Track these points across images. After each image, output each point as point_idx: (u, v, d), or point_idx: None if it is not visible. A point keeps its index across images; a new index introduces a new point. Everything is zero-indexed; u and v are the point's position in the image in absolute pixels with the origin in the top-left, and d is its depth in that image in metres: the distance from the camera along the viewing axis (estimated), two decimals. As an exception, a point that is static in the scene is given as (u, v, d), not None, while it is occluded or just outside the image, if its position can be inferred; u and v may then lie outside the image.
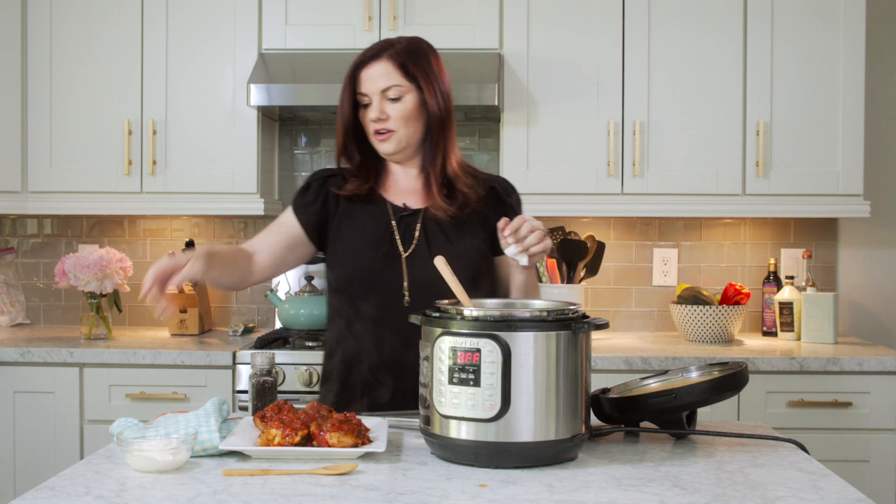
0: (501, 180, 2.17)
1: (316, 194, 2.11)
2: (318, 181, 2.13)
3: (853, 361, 2.94)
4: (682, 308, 3.28)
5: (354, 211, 2.08)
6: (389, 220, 2.06)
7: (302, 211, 2.11)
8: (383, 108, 2.01)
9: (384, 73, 2.01)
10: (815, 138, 3.25)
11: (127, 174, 3.32)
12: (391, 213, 2.07)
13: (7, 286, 3.64)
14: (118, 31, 3.34)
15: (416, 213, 2.07)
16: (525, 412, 1.52)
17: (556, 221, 3.56)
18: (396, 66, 2.01)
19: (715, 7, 3.26)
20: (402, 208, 2.08)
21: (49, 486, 1.44)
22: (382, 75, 2.01)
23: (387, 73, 2.01)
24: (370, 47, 2.05)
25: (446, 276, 1.72)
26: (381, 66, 2.01)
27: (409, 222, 2.06)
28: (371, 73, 2.02)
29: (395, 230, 2.05)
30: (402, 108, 2.02)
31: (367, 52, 2.04)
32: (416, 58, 2.04)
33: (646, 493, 1.41)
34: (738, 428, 1.87)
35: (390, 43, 2.05)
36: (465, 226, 2.07)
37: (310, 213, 2.10)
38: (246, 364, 2.99)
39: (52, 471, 2.91)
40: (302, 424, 1.60)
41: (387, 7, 3.26)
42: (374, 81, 2.01)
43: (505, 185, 2.16)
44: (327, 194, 2.10)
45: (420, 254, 2.03)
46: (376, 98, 2.01)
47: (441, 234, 2.04)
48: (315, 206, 2.10)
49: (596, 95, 3.27)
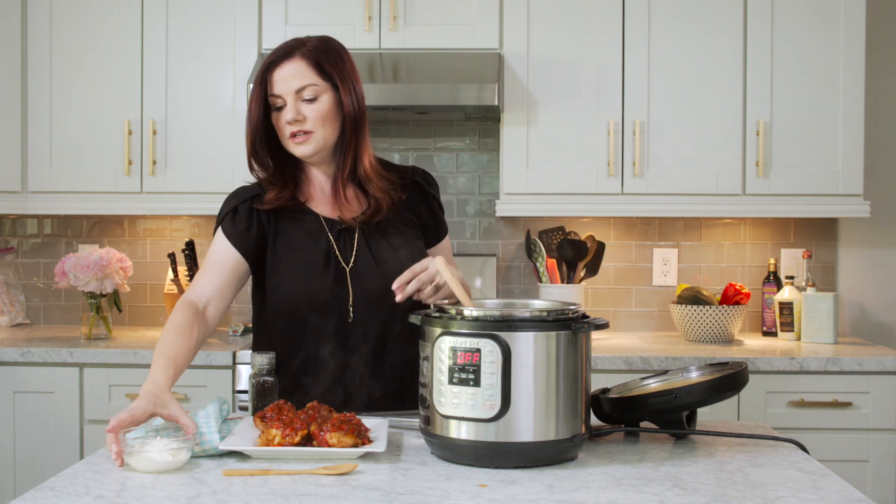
0: (419, 172, 2.12)
1: (248, 220, 1.99)
2: (244, 204, 2.01)
3: (853, 361, 2.94)
4: (682, 308, 3.28)
5: (288, 231, 1.99)
6: (327, 237, 1.99)
7: (240, 240, 1.98)
8: (299, 109, 1.93)
9: (298, 72, 1.93)
10: (815, 138, 3.25)
11: (127, 174, 3.32)
12: (326, 228, 2.00)
13: (7, 286, 3.64)
14: (118, 32, 3.34)
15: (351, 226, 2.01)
16: (525, 412, 1.52)
17: (556, 221, 3.56)
18: (311, 64, 1.93)
19: (715, 7, 3.26)
20: (338, 221, 2.00)
21: (49, 486, 1.44)
22: (296, 75, 1.93)
23: (301, 72, 1.93)
24: (280, 46, 1.97)
25: (446, 275, 1.72)
26: (295, 65, 1.93)
27: (347, 235, 2.00)
28: (284, 73, 1.93)
29: (335, 246, 1.99)
30: (319, 108, 1.94)
31: (278, 52, 1.95)
32: (330, 56, 1.96)
33: (646, 493, 1.41)
34: (738, 428, 1.87)
35: (301, 42, 1.97)
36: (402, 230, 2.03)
37: (248, 240, 1.98)
38: (246, 364, 2.99)
39: (52, 471, 2.91)
40: (302, 424, 1.60)
41: (387, 7, 3.26)
42: (288, 82, 1.92)
43: (425, 177, 2.12)
44: (258, 216, 1.99)
45: (363, 266, 1.98)
46: (290, 99, 1.93)
47: (383, 243, 2.00)
48: (252, 233, 1.98)
49: (596, 95, 3.27)
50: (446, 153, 3.65)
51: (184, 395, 3.00)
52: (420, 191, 2.09)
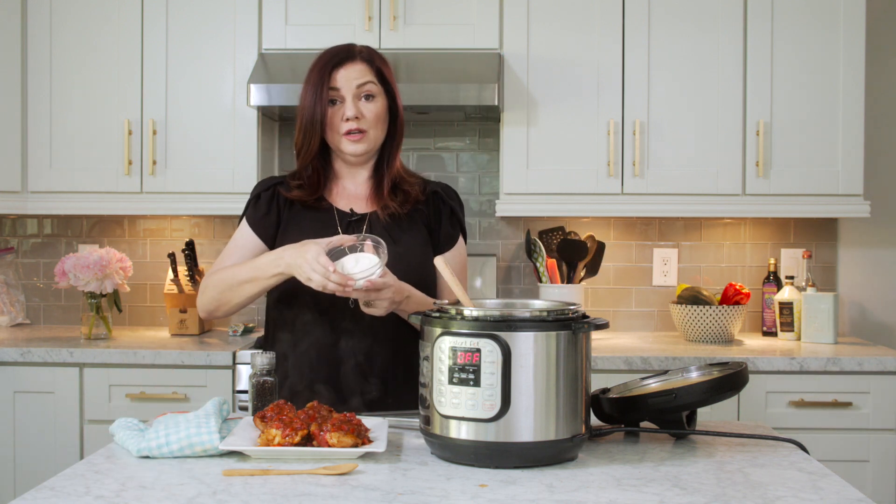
0: (443, 185, 2.19)
1: (268, 205, 2.09)
2: (266, 191, 2.10)
3: (853, 361, 2.94)
4: (682, 308, 3.28)
5: (300, 218, 2.07)
6: (336, 226, 2.05)
7: (260, 226, 2.08)
8: (359, 106, 2.03)
9: (361, 72, 2.04)
10: (815, 138, 3.25)
11: (127, 174, 3.32)
12: (337, 220, 2.06)
13: (7, 286, 3.64)
14: (118, 31, 3.34)
15: (362, 217, 2.07)
16: (525, 412, 1.52)
17: (556, 221, 3.56)
18: (372, 68, 2.05)
19: (715, 7, 3.26)
20: (349, 213, 2.08)
21: (49, 486, 1.44)
22: (359, 74, 2.03)
23: (363, 72, 2.04)
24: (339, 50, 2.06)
25: (446, 276, 1.72)
26: (357, 66, 2.04)
27: (355, 227, 2.06)
28: (348, 72, 2.03)
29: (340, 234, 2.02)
30: (376, 108, 2.05)
31: (340, 54, 2.05)
32: (384, 64, 2.09)
33: (646, 493, 1.41)
34: (738, 428, 1.87)
35: (356, 47, 2.08)
36: (408, 227, 2.08)
37: (267, 225, 2.08)
38: (246, 364, 2.99)
39: (52, 471, 2.91)
40: (302, 424, 1.60)
41: (387, 7, 3.26)
42: (351, 80, 2.02)
43: (447, 190, 2.18)
44: (278, 202, 2.09)
45: None
46: (349, 96, 2.02)
47: (386, 236, 2.02)
48: (271, 218, 2.08)
49: (596, 95, 3.27)
50: (446, 153, 3.65)
51: (184, 395, 3.00)
52: (436, 198, 2.14)
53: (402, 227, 2.07)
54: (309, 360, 2.02)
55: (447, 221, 2.14)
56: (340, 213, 2.07)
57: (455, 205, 2.16)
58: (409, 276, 1.98)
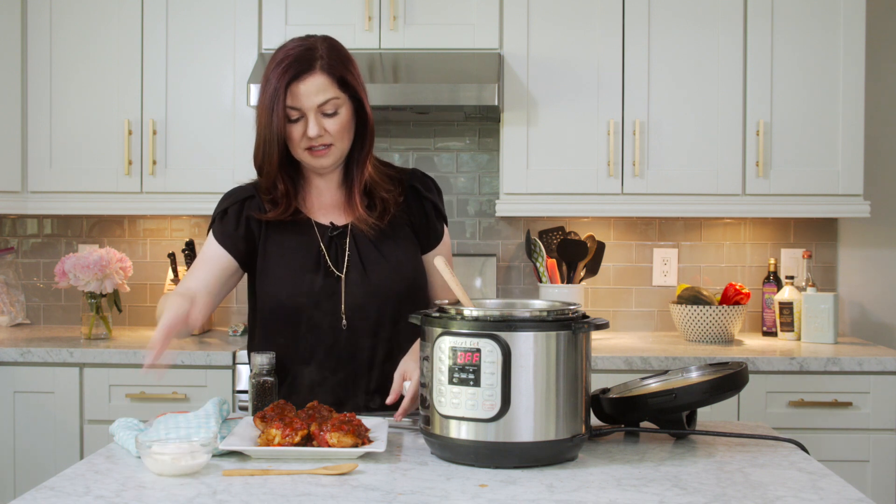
0: (419, 175, 2.09)
1: (236, 220, 2.00)
2: (234, 206, 2.01)
3: (853, 361, 2.94)
4: (682, 308, 3.28)
5: (279, 235, 1.99)
6: (318, 243, 1.98)
7: (228, 241, 1.99)
8: (322, 124, 1.91)
9: (321, 87, 1.89)
10: (815, 138, 3.25)
11: (127, 174, 3.32)
12: (318, 235, 2.00)
13: (7, 286, 3.64)
14: (118, 31, 3.34)
15: (343, 230, 2.00)
16: (525, 412, 1.52)
17: (556, 221, 3.56)
18: (334, 79, 1.90)
19: (715, 7, 3.26)
20: (330, 227, 2.00)
21: (49, 486, 1.44)
22: (320, 90, 1.89)
23: (324, 87, 1.90)
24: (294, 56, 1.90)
25: (446, 276, 1.72)
26: (317, 80, 1.89)
27: (338, 242, 2.00)
28: (307, 88, 1.89)
29: (326, 253, 1.98)
30: (339, 121, 1.92)
31: (297, 65, 1.89)
32: (347, 66, 1.94)
33: (646, 493, 1.41)
34: (738, 428, 1.87)
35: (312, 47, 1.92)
36: (393, 234, 2.02)
37: (236, 240, 1.99)
38: (246, 364, 2.99)
39: (52, 471, 2.91)
40: (302, 424, 1.60)
41: (387, 7, 3.26)
42: (311, 97, 1.89)
43: (423, 181, 2.09)
44: (248, 219, 2.00)
45: (355, 273, 1.97)
46: (311, 114, 1.90)
47: (374, 250, 1.99)
48: (240, 233, 1.99)
49: (596, 95, 3.27)
50: (446, 153, 3.65)
51: (184, 395, 3.00)
52: (416, 195, 2.07)
53: (387, 236, 2.00)
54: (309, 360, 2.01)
55: (432, 218, 2.08)
56: (321, 227, 2.00)
57: (434, 196, 2.09)
58: (401, 285, 1.97)
